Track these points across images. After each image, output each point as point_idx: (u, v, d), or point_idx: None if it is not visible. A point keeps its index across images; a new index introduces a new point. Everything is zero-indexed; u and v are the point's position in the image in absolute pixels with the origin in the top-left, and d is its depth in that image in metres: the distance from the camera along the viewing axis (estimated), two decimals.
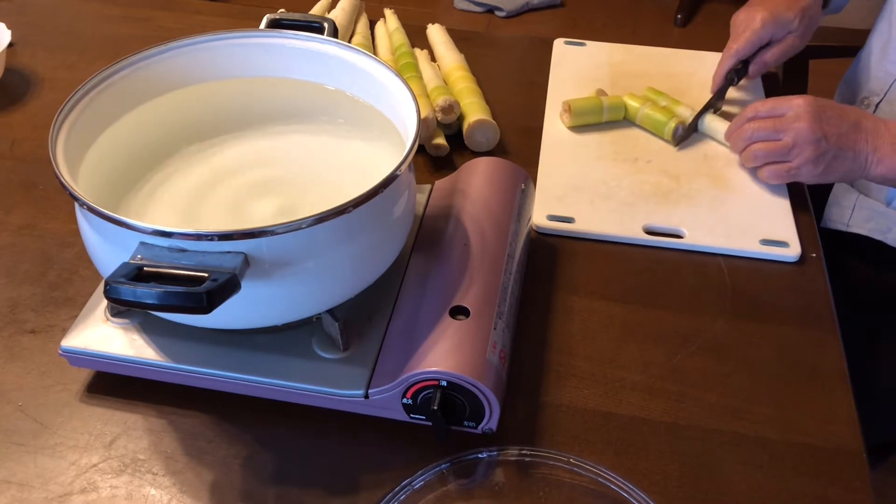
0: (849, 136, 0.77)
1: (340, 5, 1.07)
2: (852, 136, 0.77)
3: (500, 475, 0.59)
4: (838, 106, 0.79)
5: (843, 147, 0.77)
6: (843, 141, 0.77)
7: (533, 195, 0.78)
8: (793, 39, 0.91)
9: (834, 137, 0.77)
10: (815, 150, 0.77)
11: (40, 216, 0.80)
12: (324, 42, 0.70)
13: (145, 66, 0.67)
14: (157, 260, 0.51)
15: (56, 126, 0.59)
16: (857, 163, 0.77)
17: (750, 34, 0.90)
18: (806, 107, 0.78)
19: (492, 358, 0.58)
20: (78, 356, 0.62)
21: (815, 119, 0.77)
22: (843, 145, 0.77)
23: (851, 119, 0.78)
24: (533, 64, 1.04)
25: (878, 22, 0.99)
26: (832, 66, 1.19)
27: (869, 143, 0.77)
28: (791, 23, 0.89)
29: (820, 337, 0.70)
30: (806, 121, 0.77)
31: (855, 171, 0.78)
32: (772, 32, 0.90)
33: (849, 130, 0.77)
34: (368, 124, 0.70)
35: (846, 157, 0.77)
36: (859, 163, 0.77)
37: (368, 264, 0.59)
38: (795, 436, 0.62)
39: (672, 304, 0.72)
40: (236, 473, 0.59)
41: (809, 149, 0.77)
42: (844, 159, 0.77)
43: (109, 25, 1.12)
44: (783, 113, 0.79)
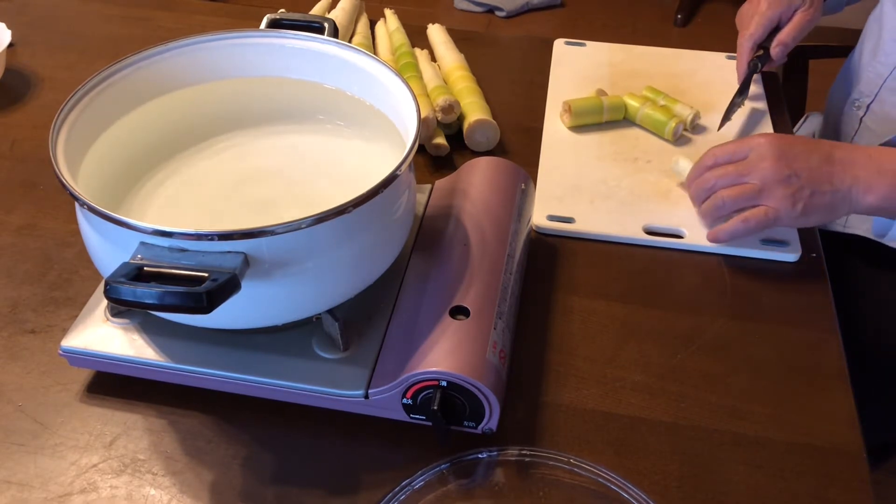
0: (821, 170, 0.71)
1: (341, 5, 1.07)
2: (825, 169, 0.71)
3: (500, 475, 0.59)
4: (805, 140, 0.73)
5: (818, 181, 0.71)
6: (816, 175, 0.71)
7: (533, 195, 0.78)
8: (803, 14, 0.89)
9: (805, 172, 0.71)
10: (786, 189, 0.71)
11: (40, 216, 0.80)
12: (324, 42, 0.70)
13: (145, 66, 0.67)
14: (157, 260, 0.51)
15: (56, 126, 0.59)
16: (839, 196, 0.71)
17: (759, 18, 0.90)
18: (768, 145, 0.72)
19: (492, 358, 0.58)
20: (78, 356, 0.62)
21: (780, 157, 0.71)
22: (816, 180, 0.71)
23: (822, 151, 0.72)
24: (533, 64, 1.04)
25: (868, 23, 0.99)
26: (832, 66, 1.18)
27: (847, 174, 0.71)
28: (795, 0, 0.89)
29: (820, 337, 0.70)
30: (770, 160, 0.71)
31: (839, 205, 0.72)
32: (779, 12, 0.90)
33: (820, 164, 0.71)
34: (368, 124, 0.70)
35: (824, 192, 0.71)
36: (841, 196, 0.71)
37: (368, 264, 0.59)
38: (795, 436, 0.62)
39: (672, 304, 0.72)
40: (236, 473, 0.59)
41: (780, 189, 0.71)
42: (823, 194, 0.71)
43: (109, 25, 1.12)
44: (745, 155, 0.73)
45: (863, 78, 0.97)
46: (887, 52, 0.93)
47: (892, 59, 0.92)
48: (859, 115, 0.98)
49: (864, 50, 0.98)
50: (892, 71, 0.92)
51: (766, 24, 0.90)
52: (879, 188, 0.71)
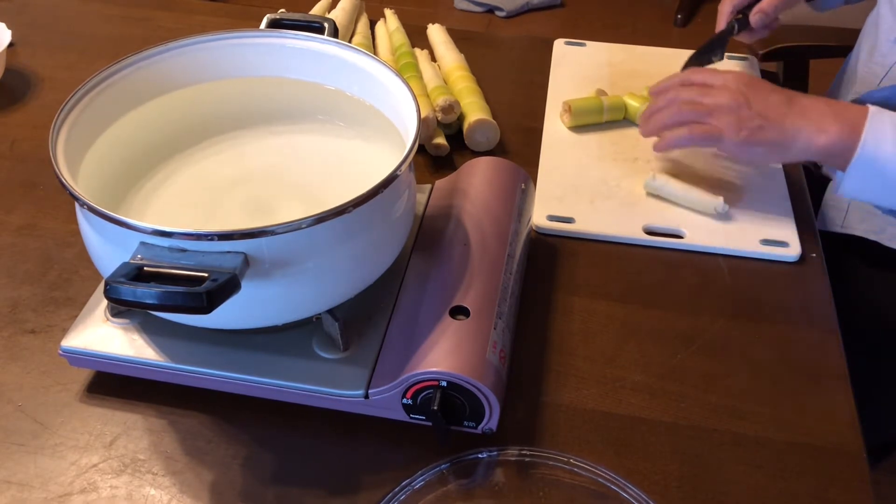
0: (776, 108, 0.74)
1: (341, 5, 1.07)
2: (781, 109, 0.74)
3: (500, 475, 0.59)
4: (774, 86, 0.76)
5: (771, 118, 0.74)
6: (769, 112, 0.74)
7: (533, 195, 0.78)
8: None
9: (759, 106, 0.74)
10: (735, 116, 0.74)
11: (40, 216, 0.80)
12: (324, 42, 0.70)
13: (145, 66, 0.67)
14: (157, 260, 0.51)
15: (56, 126, 0.59)
16: (788, 135, 0.74)
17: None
18: (736, 79, 0.76)
19: (492, 358, 0.58)
20: (78, 356, 0.62)
21: (740, 90, 0.75)
22: (768, 116, 0.74)
23: (785, 94, 0.75)
24: (533, 64, 1.04)
25: (866, 24, 0.99)
26: (832, 66, 1.18)
27: (802, 118, 0.74)
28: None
29: (820, 337, 0.70)
30: (731, 90, 0.75)
31: (787, 145, 0.74)
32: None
33: (778, 104, 0.74)
34: (368, 124, 0.70)
35: (772, 128, 0.74)
36: (791, 135, 0.74)
37: (368, 264, 0.59)
38: (795, 436, 0.62)
39: (672, 304, 0.72)
40: (236, 473, 0.59)
41: (729, 114, 0.74)
42: (770, 130, 0.74)
43: (109, 25, 1.12)
44: (713, 83, 0.77)
45: (859, 78, 0.97)
46: (883, 52, 0.93)
47: (888, 60, 0.92)
48: None
49: (861, 51, 0.99)
50: (888, 71, 0.92)
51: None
52: (832, 130, 0.73)
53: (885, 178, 0.73)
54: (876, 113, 0.73)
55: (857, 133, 0.72)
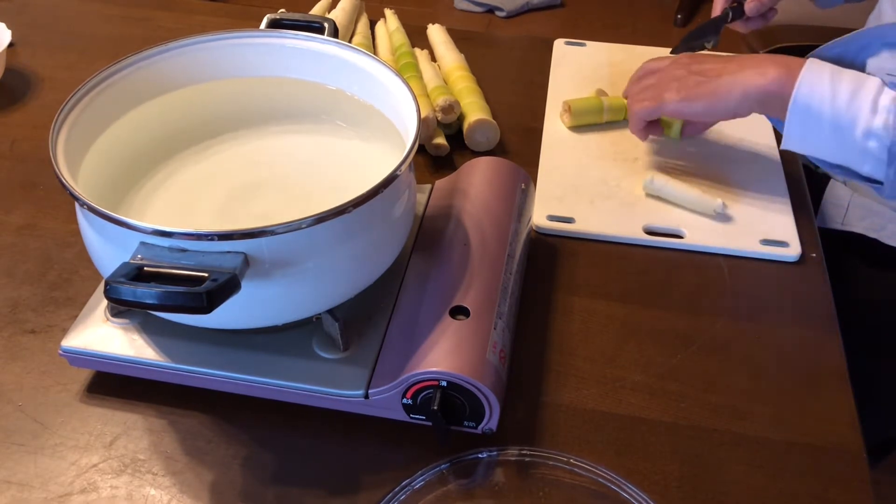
0: (716, 65, 0.78)
1: (341, 5, 1.07)
2: (720, 64, 0.77)
3: (500, 475, 0.59)
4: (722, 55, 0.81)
5: (708, 74, 0.77)
6: (709, 70, 0.78)
7: (533, 195, 0.78)
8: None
9: (698, 67, 0.78)
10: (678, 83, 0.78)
11: (40, 216, 0.80)
12: (324, 42, 0.70)
13: (145, 66, 0.67)
14: (157, 260, 0.51)
15: (56, 126, 0.59)
16: (724, 84, 0.76)
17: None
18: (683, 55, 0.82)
19: (492, 358, 0.58)
20: (78, 356, 0.62)
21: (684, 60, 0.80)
22: (707, 73, 0.77)
23: (727, 56, 0.79)
24: (533, 64, 1.04)
25: (868, 23, 0.99)
26: None
27: (743, 66, 0.76)
28: None
29: (820, 337, 0.70)
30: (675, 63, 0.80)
31: (723, 93, 0.76)
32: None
33: (718, 62, 0.78)
34: (368, 124, 0.70)
35: (710, 81, 0.77)
36: (726, 84, 0.76)
37: (368, 264, 0.60)
38: (795, 436, 0.62)
39: (672, 304, 0.72)
40: (236, 473, 0.59)
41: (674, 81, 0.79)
42: (707, 83, 0.77)
43: (109, 25, 1.12)
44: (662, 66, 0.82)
45: None
46: None
47: None
48: None
49: None
50: None
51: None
52: (769, 73, 0.74)
53: (821, 123, 0.72)
54: (815, 61, 0.74)
55: (793, 76, 0.73)
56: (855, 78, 0.72)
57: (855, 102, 0.71)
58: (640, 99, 0.82)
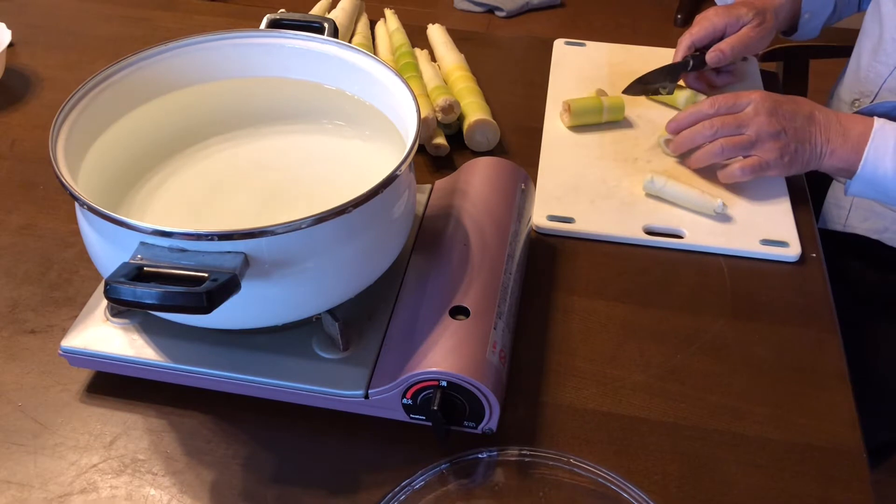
0: (805, 129, 0.80)
1: (341, 5, 1.07)
2: (808, 129, 0.80)
3: (500, 475, 0.59)
4: (791, 100, 0.81)
5: (802, 140, 0.80)
6: (801, 134, 0.80)
7: (533, 195, 0.78)
8: (748, 30, 0.92)
9: (791, 131, 0.80)
10: (776, 144, 0.79)
11: (40, 216, 0.80)
12: (324, 42, 0.70)
13: (145, 66, 0.67)
14: (157, 260, 0.51)
15: (56, 126, 0.59)
16: (814, 153, 0.80)
17: (706, 23, 0.93)
18: (762, 101, 0.80)
19: (492, 358, 0.58)
20: (78, 356, 0.62)
21: (773, 114, 0.80)
22: (801, 138, 0.80)
23: (805, 112, 0.80)
24: (533, 64, 1.04)
25: (867, 23, 0.99)
26: (832, 66, 1.18)
27: (822, 135, 0.80)
28: (744, 16, 0.92)
29: (820, 337, 0.70)
30: (765, 115, 0.80)
31: (812, 161, 0.81)
32: (726, 22, 0.92)
33: (804, 124, 0.80)
34: (368, 124, 0.70)
35: (805, 149, 0.80)
36: (815, 153, 0.80)
37: (368, 264, 0.59)
38: (795, 436, 0.62)
39: (672, 304, 0.72)
40: (236, 473, 0.59)
41: (772, 142, 0.79)
42: (803, 151, 0.80)
43: (109, 25, 1.12)
44: (742, 108, 0.81)
45: (862, 78, 0.96)
46: (888, 52, 0.93)
47: (892, 60, 0.92)
48: None
49: (863, 50, 0.98)
50: (892, 71, 0.92)
51: (709, 28, 0.93)
52: (842, 153, 0.79)
53: (886, 192, 0.80)
54: (879, 129, 0.79)
55: (859, 153, 0.78)
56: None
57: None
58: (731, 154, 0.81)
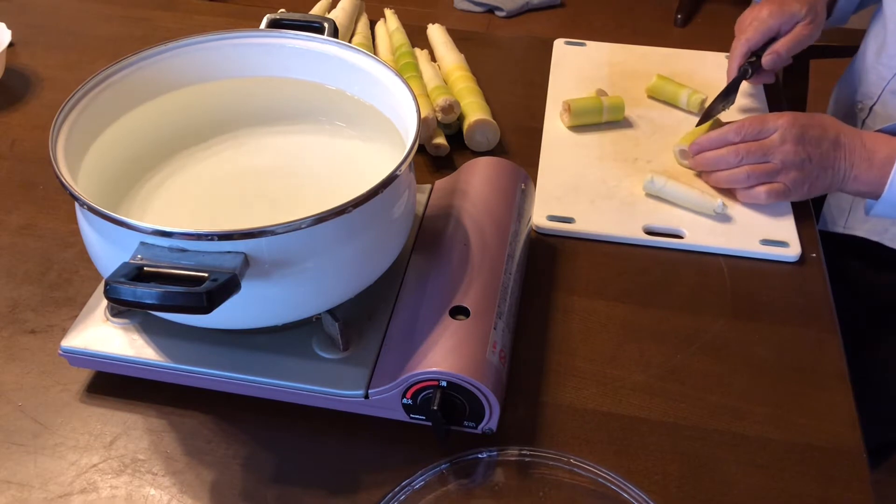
0: (829, 155, 0.79)
1: (341, 5, 1.07)
2: (832, 155, 0.79)
3: (500, 475, 0.59)
4: (819, 124, 0.80)
5: (825, 166, 0.79)
6: (825, 160, 0.79)
7: (533, 195, 0.78)
8: (802, 28, 0.90)
9: (817, 158, 0.79)
10: (800, 173, 0.79)
11: (40, 216, 0.80)
12: (324, 42, 0.70)
13: (145, 66, 0.67)
14: (157, 260, 0.51)
15: (56, 126, 0.59)
16: (836, 178, 0.80)
17: (758, 24, 0.90)
18: (790, 128, 0.79)
19: (492, 358, 0.58)
20: (78, 356, 0.62)
21: (800, 141, 0.78)
22: (825, 165, 0.79)
23: (831, 137, 0.79)
24: (533, 64, 1.04)
25: (872, 25, 0.99)
26: (833, 66, 1.18)
27: (846, 160, 0.79)
28: (798, 13, 0.89)
29: (820, 337, 0.70)
30: (791, 143, 0.78)
31: (833, 185, 0.80)
32: (780, 22, 0.90)
33: (829, 149, 0.79)
34: (368, 124, 0.70)
35: (827, 175, 0.79)
36: (838, 178, 0.80)
37: (368, 264, 0.59)
38: (795, 436, 0.62)
39: (672, 304, 0.72)
40: (236, 473, 0.59)
41: (795, 171, 0.79)
42: (825, 177, 0.79)
43: (109, 25, 1.12)
44: (769, 135, 0.80)
45: (866, 79, 0.96)
46: (891, 54, 0.93)
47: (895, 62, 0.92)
48: (861, 118, 0.97)
49: (867, 51, 0.98)
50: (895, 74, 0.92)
51: (764, 31, 0.90)
52: (866, 178, 0.79)
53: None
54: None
55: (884, 177, 0.78)
56: None
57: None
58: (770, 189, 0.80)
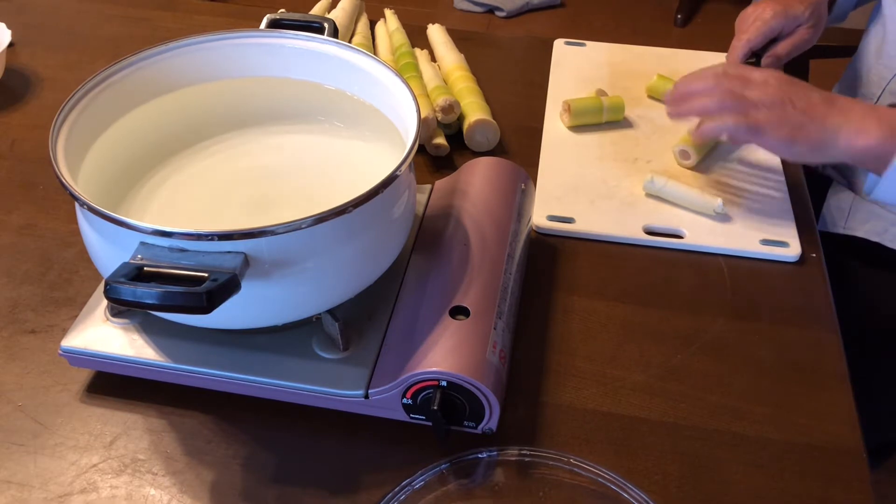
0: (818, 108, 0.73)
1: (341, 5, 1.07)
2: (822, 108, 0.72)
3: (500, 475, 0.59)
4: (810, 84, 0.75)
5: (811, 116, 0.72)
6: (812, 110, 0.72)
7: (533, 195, 0.78)
8: (803, 31, 0.88)
9: (802, 105, 0.73)
10: (779, 114, 0.73)
11: (40, 216, 0.80)
12: (324, 42, 0.70)
13: (145, 66, 0.67)
14: (157, 260, 0.51)
15: (56, 126, 0.59)
16: (829, 134, 0.72)
17: (760, 24, 0.88)
18: (776, 73, 0.75)
19: (492, 358, 0.58)
20: (78, 356, 0.62)
21: (784, 83, 0.74)
22: (811, 115, 0.72)
23: (825, 94, 0.74)
24: (533, 64, 1.04)
25: (871, 24, 0.99)
26: (832, 66, 1.19)
27: (841, 117, 0.72)
28: (801, 16, 0.87)
29: (820, 337, 0.70)
30: (775, 82, 0.74)
31: (827, 142, 0.73)
32: (782, 24, 0.88)
33: (819, 102, 0.73)
34: (368, 124, 0.70)
35: (813, 127, 0.72)
36: (831, 135, 0.72)
37: (368, 264, 0.59)
38: (795, 436, 0.62)
39: (672, 304, 0.72)
40: (236, 473, 0.59)
41: (774, 110, 0.73)
42: (811, 130, 0.72)
43: (109, 25, 1.12)
44: (753, 78, 0.75)
45: (866, 80, 0.96)
46: (891, 54, 0.92)
47: (895, 63, 0.92)
48: None
49: (867, 52, 0.98)
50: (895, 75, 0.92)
51: (766, 33, 0.88)
52: (872, 132, 0.71)
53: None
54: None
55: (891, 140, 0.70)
56: None
57: None
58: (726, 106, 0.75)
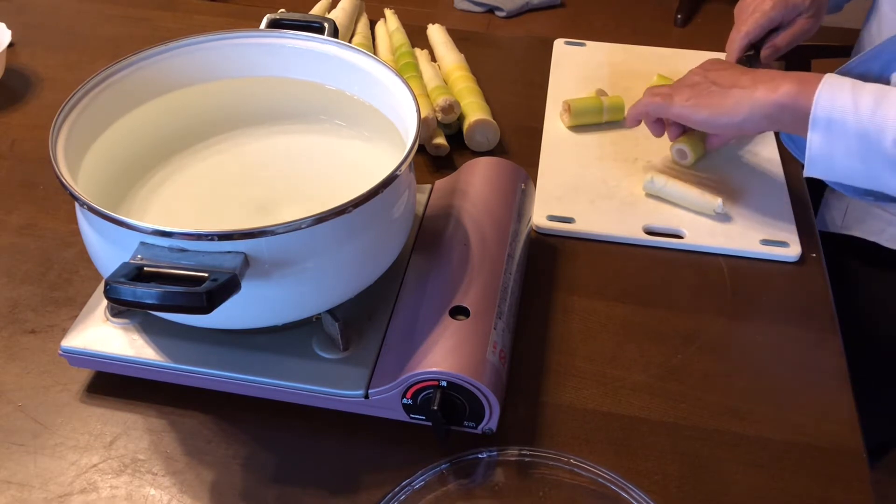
0: (731, 76, 0.75)
1: (341, 5, 1.07)
2: (734, 76, 0.75)
3: (500, 475, 0.59)
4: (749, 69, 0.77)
5: (720, 84, 0.75)
6: (723, 79, 0.75)
7: (533, 195, 0.78)
8: (804, 21, 0.86)
9: (714, 76, 0.76)
10: (691, 87, 0.77)
11: (40, 216, 0.80)
12: (324, 42, 0.70)
13: (145, 66, 0.67)
14: (157, 260, 0.51)
15: (56, 126, 0.59)
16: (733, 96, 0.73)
17: (759, 15, 0.86)
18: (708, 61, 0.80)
19: (492, 358, 0.58)
20: (78, 356, 0.62)
21: (705, 66, 0.79)
22: (720, 82, 0.75)
23: (744, 69, 0.77)
24: (533, 64, 1.04)
25: (866, 23, 0.99)
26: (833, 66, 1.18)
27: (756, 80, 0.73)
28: (801, 5, 0.85)
29: (820, 337, 0.70)
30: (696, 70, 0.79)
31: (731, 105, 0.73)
32: (782, 14, 0.86)
33: (733, 73, 0.75)
34: (368, 124, 0.70)
35: (720, 92, 0.74)
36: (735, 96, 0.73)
37: (368, 264, 0.60)
38: (795, 436, 0.62)
39: (672, 304, 0.72)
40: (236, 473, 0.59)
41: (688, 86, 0.78)
42: (717, 93, 0.75)
43: (109, 25, 1.12)
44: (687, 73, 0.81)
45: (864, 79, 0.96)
46: None
47: None
48: None
49: (864, 48, 0.98)
50: None
51: (765, 24, 0.86)
52: (784, 87, 0.71)
53: (846, 136, 0.67)
54: (833, 75, 0.71)
55: (809, 89, 0.69)
56: (877, 89, 0.68)
57: (880, 111, 0.66)
58: (654, 93, 0.81)
